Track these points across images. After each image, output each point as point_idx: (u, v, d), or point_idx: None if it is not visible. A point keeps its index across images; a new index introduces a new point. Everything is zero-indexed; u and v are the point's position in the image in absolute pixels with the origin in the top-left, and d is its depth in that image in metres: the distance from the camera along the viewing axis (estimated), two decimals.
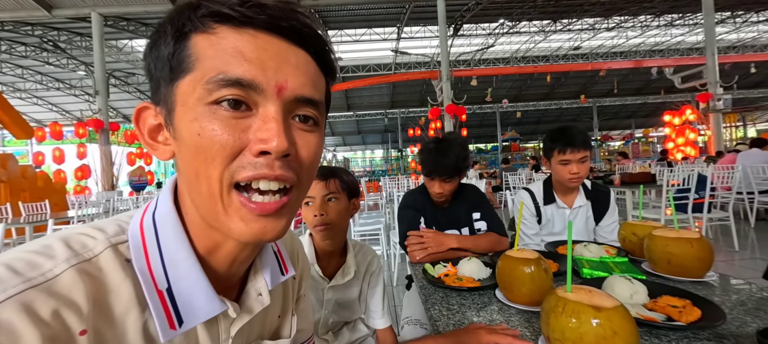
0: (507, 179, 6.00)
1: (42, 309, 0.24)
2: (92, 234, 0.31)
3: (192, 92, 0.29)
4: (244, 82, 0.28)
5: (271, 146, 0.28)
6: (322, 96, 0.34)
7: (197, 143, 0.29)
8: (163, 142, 0.33)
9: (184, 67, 0.29)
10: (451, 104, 7.64)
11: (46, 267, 0.26)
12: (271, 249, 0.43)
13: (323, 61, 0.34)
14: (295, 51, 0.31)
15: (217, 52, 0.28)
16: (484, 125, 23.36)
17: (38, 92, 13.93)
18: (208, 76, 0.28)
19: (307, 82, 0.31)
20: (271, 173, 0.29)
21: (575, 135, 1.20)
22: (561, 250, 1.05)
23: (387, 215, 4.17)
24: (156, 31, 0.31)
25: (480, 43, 12.07)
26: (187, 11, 0.29)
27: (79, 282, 0.27)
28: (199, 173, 0.29)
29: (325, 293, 0.82)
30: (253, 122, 0.29)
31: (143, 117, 0.33)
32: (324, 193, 0.81)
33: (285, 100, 0.30)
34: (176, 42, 0.29)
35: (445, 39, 7.84)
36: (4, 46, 9.87)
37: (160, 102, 0.31)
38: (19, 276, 0.25)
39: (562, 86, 17.01)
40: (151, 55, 0.31)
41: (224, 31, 0.29)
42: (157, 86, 0.31)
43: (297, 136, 0.32)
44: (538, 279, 0.66)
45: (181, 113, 0.30)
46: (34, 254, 0.27)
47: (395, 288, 2.55)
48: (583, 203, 1.29)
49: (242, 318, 0.37)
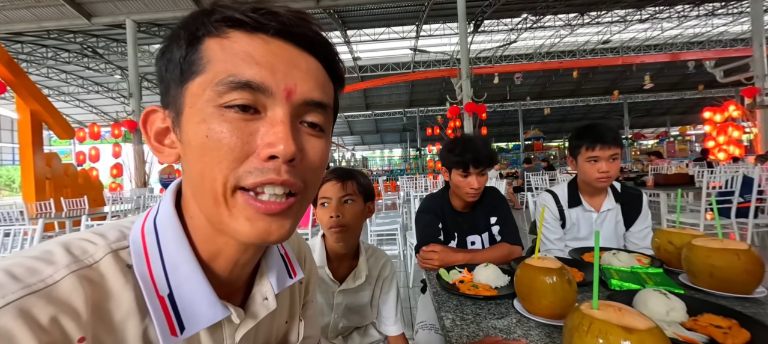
0: (529, 179, 5.79)
1: (41, 315, 0.24)
2: (93, 240, 0.31)
3: (201, 94, 0.29)
4: (254, 84, 0.28)
5: (278, 150, 0.28)
6: (330, 102, 0.34)
7: (204, 145, 0.29)
8: (169, 145, 0.33)
9: (194, 69, 0.29)
10: (471, 102, 7.47)
11: (46, 273, 0.26)
12: (277, 252, 0.42)
13: (332, 69, 0.35)
14: (306, 57, 0.31)
15: (229, 55, 0.29)
16: (506, 124, 22.74)
17: (80, 95, 14.96)
18: (219, 79, 0.28)
19: (316, 87, 0.31)
20: (277, 178, 0.29)
21: (605, 131, 1.12)
22: (587, 257, 0.98)
23: (404, 215, 4.13)
24: (170, 36, 0.31)
25: (501, 40, 11.74)
26: (201, 16, 0.30)
27: (79, 289, 0.26)
28: (204, 175, 0.29)
29: (336, 296, 0.80)
30: (261, 126, 0.29)
31: (151, 120, 0.33)
32: (341, 194, 0.80)
33: (294, 104, 0.30)
34: (189, 45, 0.30)
35: (465, 36, 7.67)
36: (50, 53, 10.68)
37: (169, 105, 0.32)
38: (19, 282, 0.25)
39: (590, 81, 16.21)
40: (162, 59, 0.32)
41: (237, 35, 0.29)
42: (167, 89, 0.32)
43: (305, 141, 0.32)
44: (560, 291, 0.61)
45: (189, 115, 0.30)
46: (35, 259, 0.27)
47: (411, 290, 2.51)
48: (612, 207, 1.21)
49: (247, 323, 0.36)
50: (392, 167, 23.65)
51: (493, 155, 1.11)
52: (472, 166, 1.08)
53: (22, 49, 10.11)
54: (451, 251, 1.04)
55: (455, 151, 1.10)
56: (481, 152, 1.08)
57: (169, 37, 0.31)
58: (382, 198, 6.32)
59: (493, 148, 1.13)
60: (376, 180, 8.86)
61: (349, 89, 11.63)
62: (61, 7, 7.28)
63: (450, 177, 1.15)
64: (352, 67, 12.73)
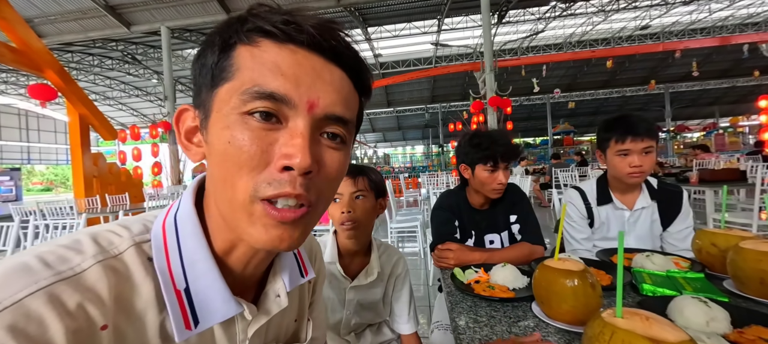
0: (557, 175, 5.52)
1: (69, 301, 0.25)
2: (118, 232, 0.32)
3: (228, 100, 0.30)
4: (278, 96, 0.29)
5: (294, 162, 0.29)
6: (353, 116, 0.34)
7: (226, 151, 0.30)
8: (197, 144, 0.34)
9: (225, 75, 0.30)
10: (495, 96, 7.21)
11: (75, 262, 0.27)
12: (291, 252, 0.43)
13: (359, 80, 0.35)
14: (331, 69, 0.32)
15: (257, 64, 0.30)
16: (533, 118, 21.84)
17: (122, 99, 16.12)
18: (245, 87, 0.29)
19: (339, 101, 0.32)
20: (292, 191, 0.29)
21: (637, 122, 1.03)
22: (616, 259, 0.91)
23: (424, 212, 4.09)
24: (205, 41, 0.33)
25: (528, 30, 11.23)
26: (235, 24, 0.31)
27: (104, 278, 0.28)
28: (226, 181, 0.30)
29: (347, 293, 0.80)
30: (281, 136, 0.30)
31: (183, 118, 0.35)
32: (352, 190, 0.79)
33: (315, 117, 0.30)
34: (221, 52, 0.31)
35: (489, 28, 7.41)
36: (95, 61, 11.57)
37: (200, 106, 0.33)
38: (50, 269, 0.26)
39: (626, 71, 15.14)
40: (197, 63, 0.33)
41: (267, 45, 0.30)
42: (199, 91, 0.33)
43: (323, 153, 0.32)
44: (582, 296, 0.57)
45: (215, 119, 0.31)
46: (65, 248, 0.28)
47: (431, 288, 2.48)
48: (646, 204, 1.11)
49: (259, 319, 0.37)
50: (414, 163, 23.46)
51: (518, 149, 1.07)
52: (501, 160, 1.04)
53: (72, 58, 11.03)
54: (468, 249, 1.00)
55: (482, 145, 1.05)
56: (509, 145, 1.04)
57: (205, 41, 0.33)
58: (403, 195, 6.29)
59: (516, 142, 1.08)
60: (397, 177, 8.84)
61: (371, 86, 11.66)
62: (103, 18, 7.86)
63: (472, 173, 1.09)
64: (374, 64, 12.73)
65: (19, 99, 16.00)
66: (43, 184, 23.65)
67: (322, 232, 3.25)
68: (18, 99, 16.04)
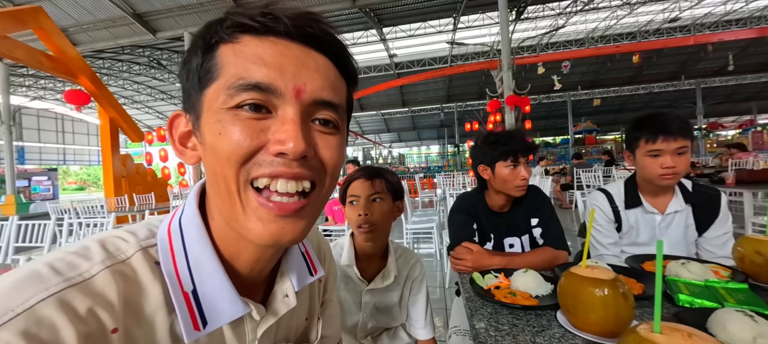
0: (579, 176, 5.32)
1: (79, 306, 0.26)
2: (125, 237, 0.32)
3: (216, 98, 0.30)
4: (263, 85, 0.29)
5: (288, 148, 0.29)
6: (341, 100, 0.34)
7: (217, 142, 0.30)
8: (192, 148, 0.35)
9: (210, 76, 0.31)
10: (513, 95, 7.03)
11: (84, 268, 0.28)
12: (298, 250, 0.43)
13: (343, 67, 0.35)
14: (315, 56, 0.32)
15: (240, 59, 0.30)
16: (553, 116, 21.20)
17: (148, 103, 16.90)
18: (230, 82, 0.29)
19: (325, 86, 0.32)
20: (288, 171, 0.29)
21: (670, 120, 0.96)
22: (648, 267, 0.86)
23: (440, 213, 4.04)
24: (188, 48, 0.33)
25: (547, 26, 10.90)
26: (215, 25, 0.31)
27: (113, 283, 0.28)
28: (217, 172, 0.30)
29: (363, 295, 0.79)
30: (272, 125, 0.30)
31: (176, 124, 0.35)
32: (369, 192, 0.79)
33: (303, 103, 0.30)
34: (204, 53, 0.31)
35: (506, 24, 7.24)
36: (124, 67, 12.16)
37: (190, 110, 0.33)
38: (60, 275, 0.27)
39: (653, 66, 14.42)
40: (183, 69, 0.33)
41: (247, 39, 0.30)
42: (188, 96, 0.33)
43: (317, 138, 0.32)
44: (612, 306, 0.54)
45: (206, 118, 0.31)
46: (74, 255, 0.29)
47: (447, 290, 2.44)
48: (680, 208, 1.04)
49: (268, 319, 0.38)
50: (430, 164, 23.28)
51: (534, 145, 1.06)
52: (521, 155, 1.01)
53: (103, 64, 11.65)
54: (487, 253, 0.97)
55: (500, 142, 1.04)
56: (526, 139, 1.03)
57: (189, 47, 0.33)
58: (418, 196, 6.25)
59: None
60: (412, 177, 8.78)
61: (386, 86, 11.63)
62: (131, 25, 8.24)
63: (493, 173, 1.06)
64: (389, 64, 12.72)
65: (56, 104, 17.07)
66: (77, 183, 25.11)
67: (339, 233, 3.28)
68: (55, 104, 17.10)
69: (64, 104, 14.89)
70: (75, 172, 25.31)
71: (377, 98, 17.01)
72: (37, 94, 14.93)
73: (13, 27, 4.15)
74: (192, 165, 0.38)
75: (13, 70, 10.57)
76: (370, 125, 24.07)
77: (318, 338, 0.48)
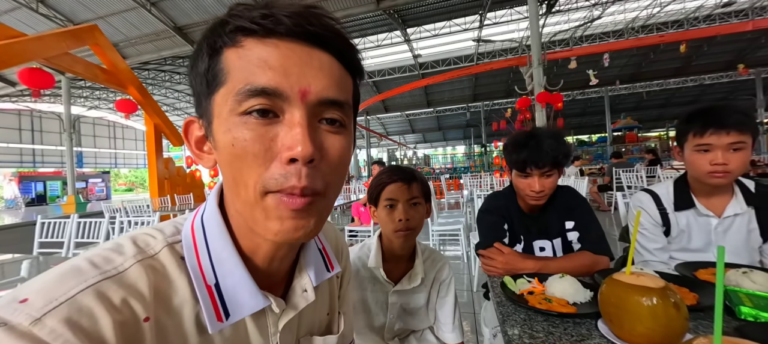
0: (618, 176, 4.97)
1: (114, 297, 0.28)
2: (154, 234, 0.35)
3: (225, 104, 0.31)
4: (269, 90, 0.29)
5: (296, 152, 0.29)
6: (347, 97, 0.34)
7: (232, 153, 0.30)
8: (207, 152, 0.36)
9: (218, 81, 0.31)
10: (544, 92, 6.71)
11: (118, 262, 0.30)
12: (315, 246, 0.45)
13: (348, 62, 0.34)
14: (318, 54, 0.32)
15: (245, 63, 0.30)
16: (588, 113, 20.04)
17: (187, 109, 18.09)
18: (238, 88, 0.30)
19: (331, 85, 0.32)
20: (298, 184, 0.30)
21: (724, 112, 0.87)
22: (702, 275, 0.78)
23: (467, 214, 3.95)
24: (195, 50, 0.33)
25: (582, 18, 10.32)
26: (218, 28, 0.31)
27: (144, 276, 0.30)
28: (237, 181, 0.31)
29: (390, 297, 0.79)
30: (281, 129, 0.30)
31: (191, 129, 0.36)
32: (408, 197, 0.79)
33: (309, 104, 0.31)
34: (210, 58, 0.32)
35: (536, 18, 6.93)
36: (166, 77, 13.12)
37: (202, 115, 0.34)
38: (97, 269, 0.29)
39: (703, 56, 13.15)
40: (192, 73, 0.34)
41: (250, 43, 0.30)
42: (199, 101, 0.34)
43: (324, 139, 0.32)
44: (662, 316, 0.49)
45: (217, 124, 0.32)
46: (109, 250, 0.31)
47: (475, 294, 2.38)
48: (741, 211, 0.94)
49: (288, 313, 0.39)
50: (455, 164, 22.85)
51: (560, 152, 0.94)
52: (531, 166, 0.95)
53: (148, 75, 12.63)
54: (520, 256, 0.92)
55: (507, 148, 1.01)
56: (542, 149, 0.93)
57: (194, 50, 0.33)
58: (444, 197, 6.15)
59: (565, 144, 0.96)
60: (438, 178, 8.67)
61: (410, 86, 11.58)
62: (173, 38, 8.87)
63: (511, 177, 1.04)
64: (413, 65, 12.67)
65: (108, 112, 18.80)
66: (126, 185, 27.38)
67: (365, 234, 3.30)
68: (108, 112, 18.84)
69: (115, 112, 16.34)
70: (124, 174, 27.62)
71: (402, 99, 16.97)
72: (93, 104, 16.52)
73: (73, 44, 4.62)
74: (209, 169, 0.40)
75: (73, 83, 11.77)
76: (394, 126, 24.10)
77: (341, 331, 0.49)
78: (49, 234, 2.30)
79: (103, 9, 7.84)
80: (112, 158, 23.72)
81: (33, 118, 18.36)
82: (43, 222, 2.31)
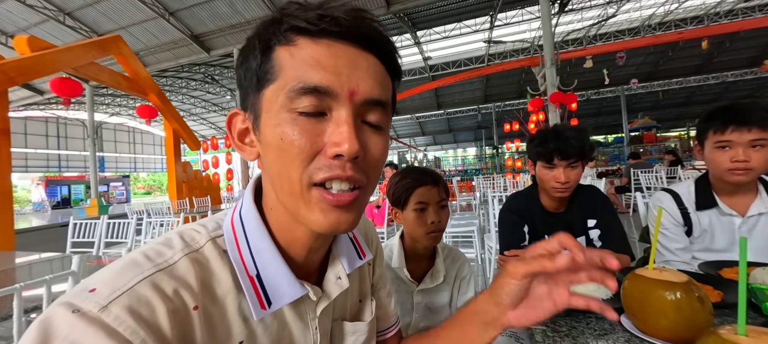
0: (637, 178, 4.85)
1: (167, 287, 0.31)
2: (198, 230, 0.37)
3: (275, 100, 0.32)
4: (321, 88, 0.31)
5: (343, 149, 0.31)
6: (388, 97, 0.36)
7: (279, 147, 0.32)
8: (250, 144, 0.37)
9: (269, 77, 0.33)
10: (557, 92, 6.61)
11: (168, 255, 0.33)
12: (346, 237, 0.47)
13: (390, 64, 0.36)
14: (366, 56, 0.33)
15: (297, 62, 0.31)
16: (603, 113, 19.56)
17: (203, 115, 18.61)
18: (290, 85, 0.31)
19: (376, 86, 0.33)
20: (343, 174, 0.32)
21: (744, 109, 0.87)
22: (726, 274, 0.78)
23: (481, 216, 3.93)
24: (245, 46, 0.35)
25: (596, 16, 10.13)
26: (272, 26, 0.33)
27: (191, 268, 0.33)
28: (282, 174, 0.33)
29: (415, 296, 0.82)
30: (328, 127, 0.32)
31: (234, 122, 0.38)
32: (437, 199, 0.81)
33: (356, 104, 0.32)
34: (263, 54, 0.33)
35: (549, 18, 6.85)
36: (183, 83, 13.54)
37: (248, 109, 0.36)
38: (151, 261, 0.32)
39: (725, 52, 12.69)
40: (241, 68, 0.35)
41: (303, 42, 0.32)
42: (246, 95, 0.36)
43: (367, 138, 0.34)
44: (687, 310, 0.51)
45: (266, 119, 0.33)
46: (161, 245, 0.34)
47: None
48: (765, 210, 0.93)
49: (324, 300, 0.41)
50: (466, 166, 22.66)
51: (585, 145, 0.98)
52: (558, 157, 0.97)
53: (166, 82, 13.08)
54: None
55: (535, 141, 1.03)
56: (568, 140, 0.97)
57: (245, 46, 0.35)
58: (456, 199, 6.13)
59: (587, 138, 0.99)
60: (450, 181, 8.64)
61: (420, 89, 11.58)
62: (189, 46, 9.17)
63: (536, 171, 1.06)
64: (423, 67, 12.68)
65: (128, 118, 19.50)
66: (144, 188, 28.27)
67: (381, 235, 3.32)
68: (128, 118, 19.55)
69: (136, 118, 16.94)
70: (143, 178, 28.54)
71: (412, 102, 16.98)
72: (114, 110, 17.18)
73: (99, 54, 4.85)
74: (251, 161, 0.42)
75: (96, 91, 12.29)
76: (404, 129, 24.10)
77: (372, 317, 0.51)
78: (80, 234, 2.43)
79: (125, 19, 8.19)
80: (131, 163, 24.58)
81: (59, 124, 19.23)
82: (75, 223, 2.44)
